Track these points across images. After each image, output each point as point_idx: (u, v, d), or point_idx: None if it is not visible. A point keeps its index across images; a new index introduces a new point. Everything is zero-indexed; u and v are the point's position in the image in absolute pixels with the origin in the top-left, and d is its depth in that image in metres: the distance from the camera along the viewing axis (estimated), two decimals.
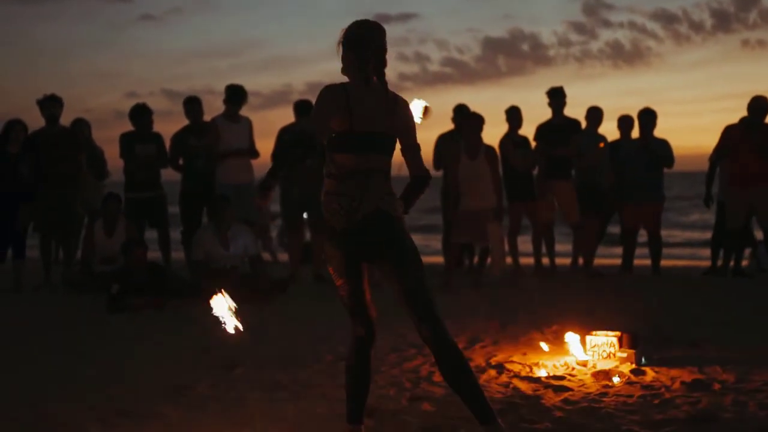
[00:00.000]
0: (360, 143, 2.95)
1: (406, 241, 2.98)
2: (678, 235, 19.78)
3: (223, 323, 3.21)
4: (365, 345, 3.09)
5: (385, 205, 2.98)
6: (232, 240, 6.93)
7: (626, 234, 8.40)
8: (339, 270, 3.03)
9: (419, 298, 2.93)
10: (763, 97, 7.88)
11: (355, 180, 2.95)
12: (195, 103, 7.86)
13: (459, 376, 2.91)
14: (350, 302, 3.05)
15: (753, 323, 5.51)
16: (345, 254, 3.00)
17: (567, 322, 5.36)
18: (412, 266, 2.95)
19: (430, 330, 2.91)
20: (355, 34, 3.00)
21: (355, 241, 2.97)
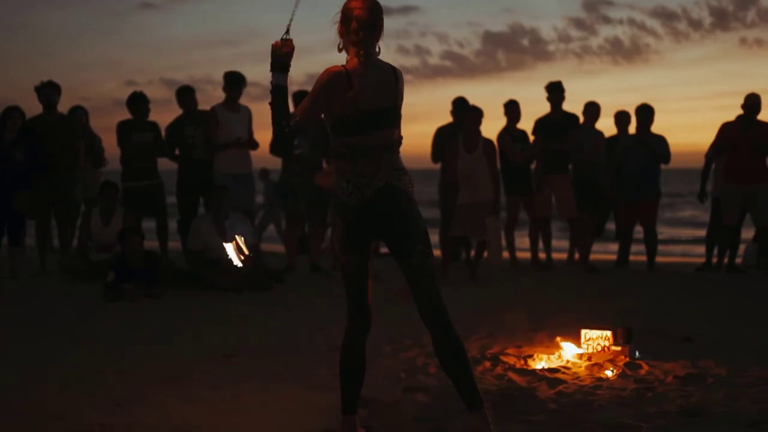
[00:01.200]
0: (369, 122, 2.96)
1: (414, 217, 2.99)
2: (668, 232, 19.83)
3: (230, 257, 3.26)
4: (360, 332, 3.09)
5: (394, 180, 2.99)
6: (230, 230, 6.92)
7: (622, 229, 8.44)
8: (345, 246, 3.03)
9: (422, 276, 2.95)
10: (757, 94, 7.92)
11: (367, 158, 2.96)
12: (188, 93, 7.85)
13: (452, 359, 2.93)
14: (352, 281, 3.04)
15: (747, 319, 5.54)
16: (353, 230, 3.01)
17: (562, 316, 5.40)
18: (419, 242, 2.96)
19: (429, 308, 2.94)
20: (350, 9, 2.99)
21: (363, 215, 2.98)
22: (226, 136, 7.50)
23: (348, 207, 3.00)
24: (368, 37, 2.97)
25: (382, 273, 7.65)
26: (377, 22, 2.99)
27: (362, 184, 2.97)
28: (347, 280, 3.06)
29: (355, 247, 3.02)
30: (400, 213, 2.98)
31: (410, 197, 3.02)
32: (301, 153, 7.64)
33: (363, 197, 2.97)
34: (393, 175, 2.99)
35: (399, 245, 2.98)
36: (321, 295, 6.64)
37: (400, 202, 2.98)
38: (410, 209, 3.00)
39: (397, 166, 3.02)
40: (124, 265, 6.44)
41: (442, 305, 2.96)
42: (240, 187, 7.45)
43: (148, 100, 7.90)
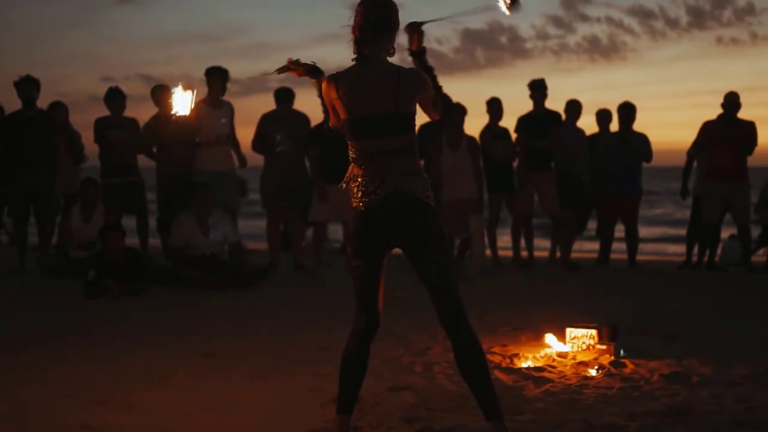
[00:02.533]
0: (363, 129, 2.92)
1: (428, 225, 2.90)
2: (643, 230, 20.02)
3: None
4: (366, 336, 3.03)
5: (405, 186, 2.90)
6: (212, 227, 6.87)
7: (603, 227, 8.48)
8: (355, 251, 2.98)
9: (441, 288, 2.90)
10: (736, 93, 7.99)
11: (374, 162, 2.91)
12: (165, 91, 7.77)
13: (474, 371, 2.90)
14: (360, 287, 2.99)
15: (728, 316, 5.58)
16: (364, 236, 2.95)
17: (546, 314, 5.40)
18: (435, 252, 2.88)
19: (450, 323, 2.91)
20: (355, 11, 2.93)
21: (372, 222, 2.93)
22: (208, 133, 7.42)
23: (358, 212, 2.95)
24: (363, 40, 2.91)
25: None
26: (375, 25, 2.89)
27: (370, 189, 2.91)
28: (356, 283, 3.01)
29: (365, 253, 2.96)
30: (411, 221, 2.89)
31: (424, 204, 2.91)
32: (282, 150, 7.60)
33: (371, 203, 2.91)
34: (403, 181, 2.90)
35: (413, 255, 2.92)
36: (304, 292, 6.60)
37: (410, 210, 2.90)
38: (423, 217, 2.90)
39: (409, 171, 2.91)
40: (105, 262, 6.36)
41: (463, 317, 2.90)
42: (221, 184, 7.38)
43: (125, 96, 7.81)
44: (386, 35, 2.93)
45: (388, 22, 2.92)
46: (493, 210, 8.24)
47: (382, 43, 2.92)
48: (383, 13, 2.91)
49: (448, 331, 2.94)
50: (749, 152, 7.98)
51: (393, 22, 2.94)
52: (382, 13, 2.91)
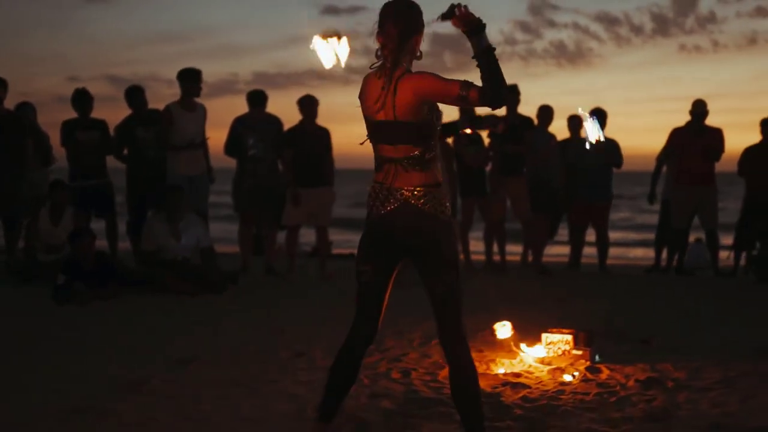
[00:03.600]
0: (375, 132, 2.88)
1: (439, 241, 2.83)
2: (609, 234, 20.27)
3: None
4: (361, 346, 2.98)
5: (415, 198, 2.82)
6: (184, 231, 6.79)
7: (575, 232, 8.56)
8: (362, 256, 2.93)
9: (446, 309, 2.87)
10: (703, 101, 8.13)
11: (384, 169, 2.87)
12: (138, 93, 7.66)
13: (464, 396, 2.89)
14: (363, 294, 2.95)
15: (699, 320, 5.66)
16: (371, 243, 2.90)
17: (519, 319, 5.42)
18: (443, 272, 2.83)
19: (449, 343, 2.89)
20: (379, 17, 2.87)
21: (380, 231, 2.88)
22: (181, 136, 7.33)
23: (369, 219, 2.92)
24: (385, 46, 2.84)
25: (337, 275, 7.63)
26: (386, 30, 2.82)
27: (381, 197, 2.86)
28: (359, 289, 2.95)
29: (372, 260, 2.90)
30: (419, 235, 2.83)
31: (435, 218, 2.82)
32: (254, 154, 7.55)
33: (380, 211, 2.87)
34: (413, 193, 2.82)
35: (422, 269, 2.88)
36: (277, 297, 6.55)
37: (419, 224, 2.82)
38: (433, 232, 2.81)
39: (422, 182, 2.82)
40: (75, 266, 6.25)
41: (461, 340, 2.87)
42: (194, 188, 7.30)
43: (92, 97, 7.70)
44: (408, 41, 2.84)
45: (409, 27, 2.83)
46: (466, 214, 8.26)
47: (405, 49, 2.84)
48: (403, 19, 2.83)
49: (446, 351, 2.92)
50: (717, 158, 8.12)
51: (414, 26, 2.84)
52: (401, 20, 2.83)
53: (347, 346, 2.99)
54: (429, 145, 2.86)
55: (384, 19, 2.84)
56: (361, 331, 2.97)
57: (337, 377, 3.01)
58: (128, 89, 7.69)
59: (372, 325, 2.96)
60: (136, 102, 7.62)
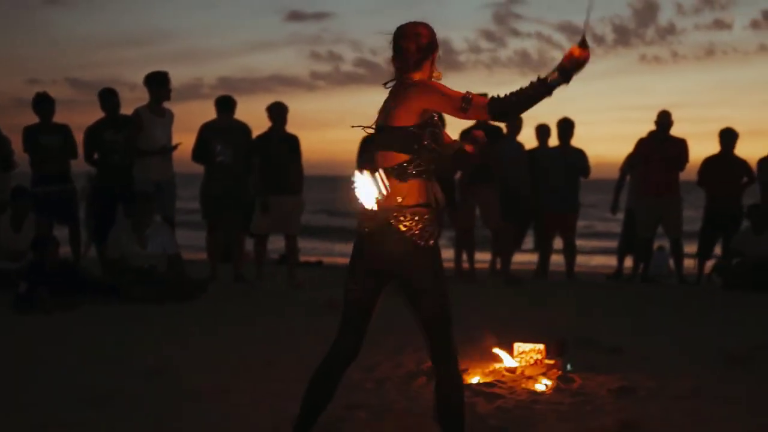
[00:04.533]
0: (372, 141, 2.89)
1: (415, 272, 2.78)
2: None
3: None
4: (342, 362, 2.93)
5: (396, 220, 2.76)
6: (151, 239, 6.67)
7: (542, 240, 8.62)
8: (350, 274, 2.89)
9: (434, 333, 2.84)
10: (668, 112, 8.28)
11: None
12: (112, 96, 7.53)
13: (449, 412, 2.87)
14: (349, 311, 2.90)
15: (667, 328, 5.73)
16: (357, 261, 2.86)
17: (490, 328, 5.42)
18: (423, 300, 2.80)
19: (437, 365, 2.87)
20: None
21: (366, 253, 2.84)
22: (150, 141, 7.22)
23: (357, 236, 2.88)
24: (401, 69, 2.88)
25: (307, 283, 7.58)
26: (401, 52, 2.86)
27: (367, 215, 2.81)
28: (345, 305, 2.91)
29: (359, 279, 2.87)
30: (396, 263, 2.78)
31: (411, 244, 2.75)
32: (222, 160, 7.47)
33: (365, 230, 2.83)
34: (394, 213, 2.75)
35: (405, 294, 2.85)
36: (247, 305, 6.48)
37: (395, 250, 2.76)
38: (408, 260, 2.76)
39: (405, 200, 2.76)
40: (38, 274, 6.10)
41: (451, 359, 2.84)
42: (162, 194, 7.20)
43: (53, 101, 7.55)
44: (423, 62, 2.85)
45: (412, 53, 2.84)
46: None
47: (422, 69, 2.86)
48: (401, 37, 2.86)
49: (434, 367, 2.90)
50: (681, 168, 8.26)
51: (419, 50, 2.84)
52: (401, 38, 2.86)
53: (328, 363, 2.94)
54: (417, 155, 2.80)
55: (398, 41, 2.85)
56: (343, 348, 2.92)
57: (315, 394, 2.96)
58: (101, 91, 7.56)
59: (356, 343, 2.92)
60: (108, 105, 7.48)
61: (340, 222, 23.60)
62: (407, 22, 2.90)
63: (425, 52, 2.85)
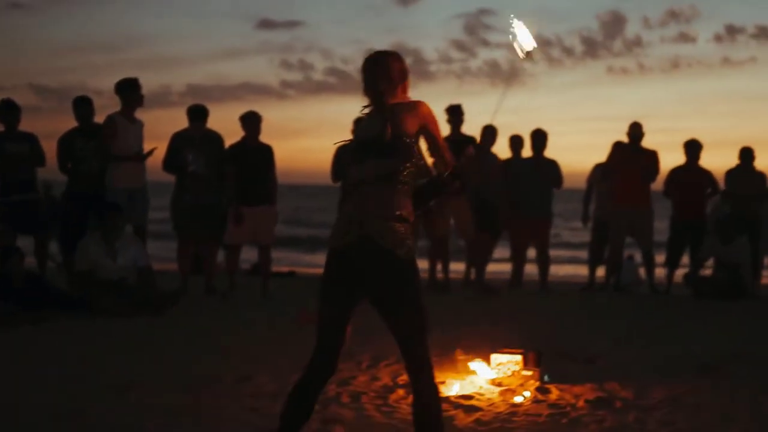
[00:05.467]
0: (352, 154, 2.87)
1: (402, 282, 2.77)
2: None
3: None
4: (319, 379, 2.90)
5: (377, 234, 2.77)
6: (121, 250, 6.54)
7: (516, 251, 8.63)
8: (323, 293, 2.85)
9: (411, 349, 2.81)
10: (639, 124, 8.37)
11: (354, 196, 2.83)
12: (86, 104, 7.40)
13: (428, 426, 2.84)
14: (323, 327, 2.86)
15: (640, 338, 5.76)
16: (332, 280, 2.83)
17: (467, 339, 5.40)
18: (404, 314, 2.79)
19: (415, 380, 2.84)
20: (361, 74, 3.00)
21: (342, 268, 2.82)
22: (123, 147, 7.11)
23: (331, 253, 2.84)
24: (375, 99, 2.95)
25: (280, 294, 7.49)
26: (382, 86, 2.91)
27: (343, 228, 2.80)
28: (321, 323, 2.87)
29: (333, 296, 2.84)
30: (380, 275, 2.77)
31: (396, 256, 2.76)
32: (194, 170, 7.37)
33: (340, 244, 2.81)
34: (376, 224, 2.76)
35: (382, 309, 2.82)
36: (219, 318, 6.38)
37: (380, 262, 2.76)
38: (394, 272, 2.77)
39: (388, 214, 2.78)
40: (2, 287, 5.95)
41: (428, 371, 2.82)
42: (135, 202, 7.11)
43: (19, 109, 7.41)
44: (396, 90, 2.91)
45: (395, 78, 2.91)
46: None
47: (395, 96, 2.91)
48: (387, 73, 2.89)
49: (411, 380, 2.88)
50: (652, 179, 8.35)
51: (400, 76, 2.92)
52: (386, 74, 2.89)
53: (305, 380, 2.91)
54: (405, 167, 2.83)
55: (369, 77, 2.90)
56: (320, 365, 2.89)
57: (292, 413, 2.91)
58: (76, 99, 7.44)
59: (332, 359, 2.89)
60: (82, 113, 7.35)
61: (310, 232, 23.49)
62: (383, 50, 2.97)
63: (405, 80, 2.96)
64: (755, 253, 8.21)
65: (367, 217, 2.79)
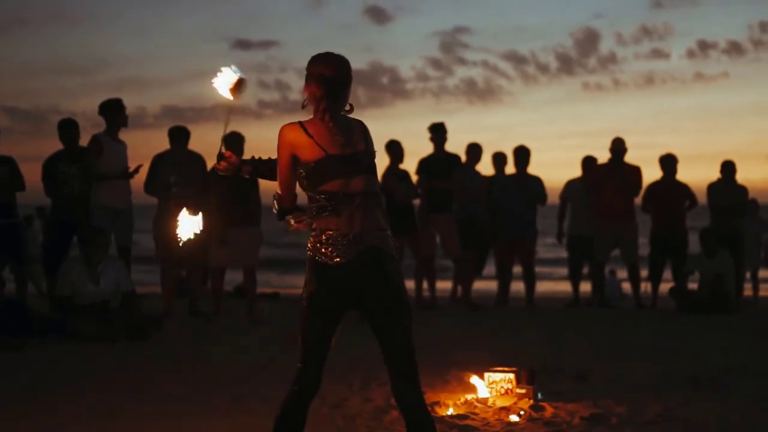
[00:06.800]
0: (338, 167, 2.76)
1: (399, 288, 2.78)
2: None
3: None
4: (306, 398, 2.85)
5: (380, 242, 2.77)
6: (104, 274, 6.43)
7: (502, 268, 8.62)
8: (315, 313, 2.79)
9: (402, 358, 2.77)
10: (622, 139, 8.42)
11: (347, 210, 2.75)
12: (71, 127, 7.33)
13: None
14: (308, 347, 2.81)
15: (632, 353, 5.75)
16: (329, 297, 2.77)
17: (458, 358, 5.36)
18: (401, 320, 2.76)
19: (406, 393, 2.78)
20: (307, 76, 2.87)
21: (339, 284, 2.76)
22: (109, 167, 7.06)
23: (324, 269, 2.77)
24: (320, 104, 2.82)
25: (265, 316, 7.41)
26: (330, 89, 2.80)
27: (340, 245, 2.74)
28: (307, 343, 2.81)
29: (325, 314, 2.79)
30: (386, 281, 2.75)
31: (395, 259, 2.81)
32: (177, 192, 7.29)
33: (338, 261, 2.75)
34: (375, 236, 2.77)
35: (379, 318, 2.77)
36: (206, 341, 6.29)
37: (386, 269, 2.75)
38: (396, 277, 2.77)
39: (381, 225, 2.80)
40: None
41: (417, 388, 2.78)
42: (120, 222, 7.05)
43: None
44: (342, 95, 2.85)
45: (342, 83, 2.83)
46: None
47: (340, 103, 2.85)
48: (335, 76, 2.81)
49: (398, 400, 2.82)
50: (636, 194, 8.40)
51: (347, 80, 2.86)
52: (334, 77, 2.81)
53: (294, 398, 2.85)
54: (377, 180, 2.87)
55: (319, 79, 2.80)
56: (308, 381, 2.85)
57: (285, 430, 2.85)
58: (61, 122, 7.37)
59: (318, 376, 2.86)
60: (67, 136, 7.26)
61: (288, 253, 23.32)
62: (335, 54, 2.86)
63: (349, 85, 2.89)
64: (739, 267, 8.27)
65: (368, 230, 2.77)
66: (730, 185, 8.57)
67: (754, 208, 9.69)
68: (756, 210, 9.81)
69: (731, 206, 8.44)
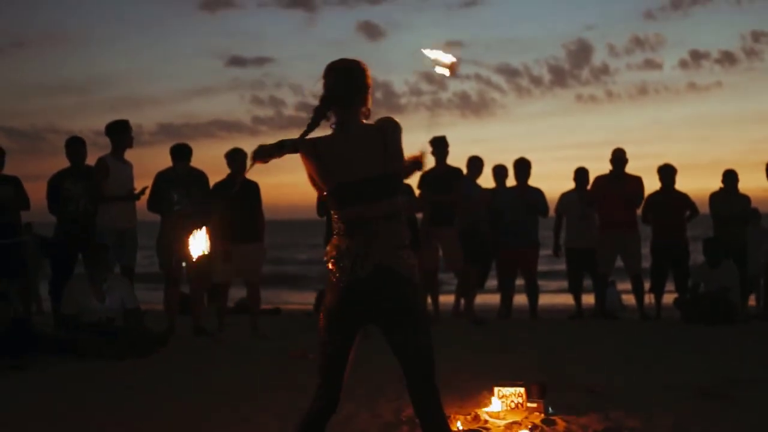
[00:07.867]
0: (352, 194, 2.76)
1: (415, 305, 2.78)
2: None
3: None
4: (324, 417, 2.84)
5: (391, 260, 2.74)
6: (109, 292, 6.41)
7: (504, 281, 8.61)
8: (328, 329, 2.80)
9: (420, 371, 2.76)
10: (622, 150, 8.43)
11: (361, 232, 2.74)
12: (79, 145, 7.34)
13: None
14: (326, 366, 2.81)
15: (640, 364, 5.72)
16: (343, 314, 2.78)
17: (464, 372, 5.34)
18: (418, 335, 2.76)
19: (424, 408, 2.77)
20: (322, 82, 2.83)
21: (355, 300, 2.76)
22: (115, 188, 7.06)
23: (339, 287, 2.78)
24: (337, 110, 2.80)
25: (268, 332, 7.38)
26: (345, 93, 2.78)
27: (355, 261, 2.74)
28: (321, 360, 2.82)
29: (341, 330, 2.80)
30: (395, 300, 2.74)
31: (410, 281, 2.77)
32: (180, 209, 7.28)
33: (355, 278, 2.75)
34: (389, 254, 2.75)
35: (394, 335, 2.78)
36: (212, 358, 6.26)
37: (395, 288, 2.74)
38: (408, 296, 2.76)
39: (398, 243, 2.77)
40: None
41: (438, 406, 2.77)
42: (124, 242, 7.03)
43: (4, 152, 7.30)
44: (358, 100, 2.82)
45: (358, 87, 2.81)
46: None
47: (356, 109, 2.82)
48: (350, 80, 2.80)
49: (421, 419, 2.80)
50: (637, 204, 8.40)
51: (363, 85, 2.83)
52: (349, 81, 2.80)
53: (311, 418, 2.84)
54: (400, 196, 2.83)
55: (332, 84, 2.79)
56: (324, 401, 2.84)
57: None
58: (68, 140, 7.38)
59: (336, 393, 2.85)
60: (74, 154, 7.27)
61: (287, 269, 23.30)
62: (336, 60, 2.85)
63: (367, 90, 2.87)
64: (743, 276, 8.26)
65: (380, 248, 2.75)
66: (733, 194, 8.58)
67: (757, 218, 9.71)
68: (758, 219, 9.82)
69: (734, 215, 8.44)
